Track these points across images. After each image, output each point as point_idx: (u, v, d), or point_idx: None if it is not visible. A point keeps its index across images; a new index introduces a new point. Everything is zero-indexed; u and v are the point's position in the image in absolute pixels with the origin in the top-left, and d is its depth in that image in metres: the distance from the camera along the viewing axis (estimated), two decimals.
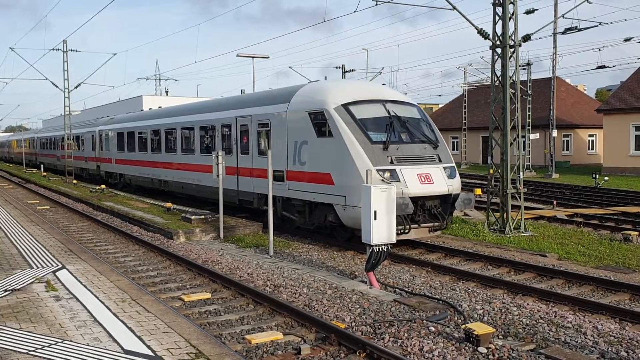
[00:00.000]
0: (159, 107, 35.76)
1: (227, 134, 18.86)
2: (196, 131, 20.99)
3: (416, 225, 13.12)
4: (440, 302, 9.60)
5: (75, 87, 40.65)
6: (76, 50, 39.70)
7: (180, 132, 22.52)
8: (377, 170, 12.72)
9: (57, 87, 40.17)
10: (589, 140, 52.78)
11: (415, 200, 12.87)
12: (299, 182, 15.04)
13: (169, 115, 24.41)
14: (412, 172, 13.10)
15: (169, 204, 21.53)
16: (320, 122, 14.29)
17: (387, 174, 12.81)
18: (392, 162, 13.09)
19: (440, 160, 13.84)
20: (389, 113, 14.04)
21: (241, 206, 18.63)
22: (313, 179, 14.46)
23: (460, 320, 8.63)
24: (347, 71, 43.12)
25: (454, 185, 13.65)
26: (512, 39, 16.99)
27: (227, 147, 18.75)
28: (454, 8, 17.05)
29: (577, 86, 69.96)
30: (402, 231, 12.69)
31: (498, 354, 7.09)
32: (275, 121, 15.99)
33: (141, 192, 28.27)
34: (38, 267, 10.87)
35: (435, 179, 13.28)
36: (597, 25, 19.52)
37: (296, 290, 10.39)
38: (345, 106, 13.99)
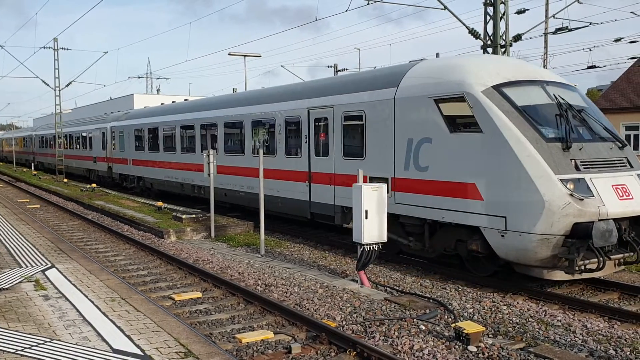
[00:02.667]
0: (179, 100, 30.89)
1: (293, 130, 15.39)
2: (246, 127, 17.47)
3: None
4: (431, 300, 9.62)
5: (66, 86, 40.43)
6: (67, 49, 39.52)
7: (223, 128, 18.81)
8: (561, 180, 9.32)
9: (47, 85, 39.95)
10: None
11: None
12: (413, 194, 11.50)
13: (206, 107, 20.59)
14: (606, 182, 9.64)
15: (159, 203, 21.44)
16: (456, 112, 10.67)
17: (570, 185, 9.35)
18: (577, 168, 9.60)
19: (631, 166, 10.31)
20: (555, 99, 10.42)
21: (313, 221, 15.23)
22: (441, 191, 10.85)
23: (450, 319, 8.66)
24: (339, 70, 43.13)
25: None
26: (503, 39, 17.05)
27: (294, 146, 15.35)
28: (446, 8, 17.09)
29: None
30: (586, 267, 9.37)
31: (488, 353, 7.11)
32: (374, 112, 12.42)
33: (165, 198, 24.22)
34: (27, 266, 10.79)
35: (633, 192, 9.79)
36: (587, 26, 19.64)
37: (287, 289, 10.38)
38: (498, 89, 10.31)
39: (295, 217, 15.95)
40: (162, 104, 29.08)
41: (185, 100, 26.16)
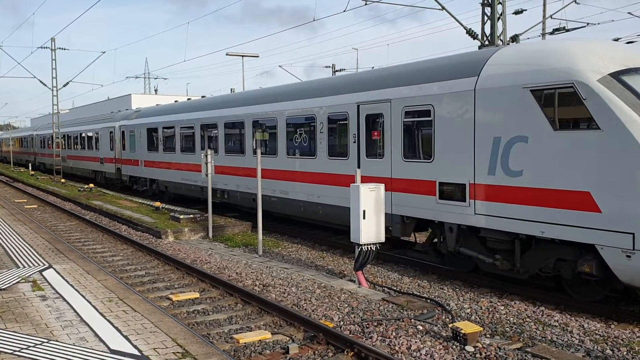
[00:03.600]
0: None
1: (338, 129, 13.72)
2: (280, 126, 15.66)
3: None
4: (429, 301, 9.63)
5: (64, 86, 40.41)
6: (64, 49, 39.49)
7: (251, 127, 17.05)
8: None
9: (45, 85, 39.91)
10: None
11: None
12: (501, 204, 9.70)
13: (230, 104, 18.77)
14: None
15: (157, 203, 21.42)
16: (562, 105, 8.87)
17: None
18: None
19: None
20: None
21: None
22: (540, 200, 9.10)
23: (448, 319, 8.67)
24: (337, 70, 43.14)
25: None
26: (500, 39, 17.08)
27: (338, 146, 13.70)
28: (443, 8, 17.11)
29: None
30: None
31: (485, 353, 7.12)
32: (446, 107, 10.64)
33: (181, 203, 22.82)
34: (24, 267, 10.78)
35: None
36: (584, 26, 19.67)
37: (285, 289, 10.38)
38: (617, 77, 8.59)
39: (340, 227, 14.13)
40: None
41: (203, 97, 24.49)
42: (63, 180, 36.32)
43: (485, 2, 17.21)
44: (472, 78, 10.21)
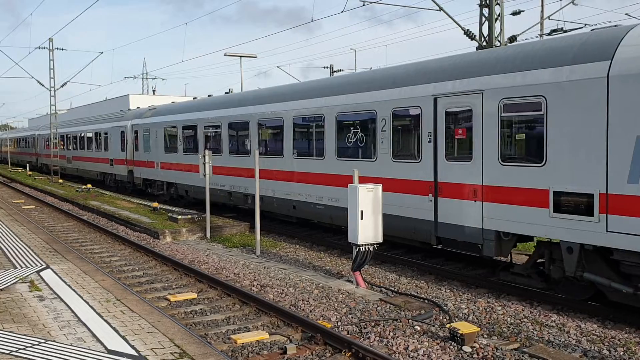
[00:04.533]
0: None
1: (407, 126, 11.84)
2: (328, 123, 13.86)
3: None
4: (426, 301, 9.64)
5: (62, 86, 40.35)
6: (62, 49, 39.44)
7: (292, 125, 15.28)
8: None
9: (43, 85, 39.87)
10: None
11: None
12: None
13: (265, 100, 16.81)
14: None
15: (155, 204, 21.41)
16: None
17: None
18: None
19: None
20: None
21: (442, 246, 11.45)
22: None
23: (445, 320, 8.68)
24: (335, 71, 43.18)
25: None
26: (498, 40, 17.11)
27: (407, 146, 11.84)
28: (441, 9, 17.14)
29: None
30: None
31: (482, 353, 7.13)
32: (564, 99, 8.85)
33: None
34: (22, 267, 10.77)
35: None
36: (582, 27, 19.70)
37: (283, 290, 10.39)
38: None
39: (408, 242, 12.35)
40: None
41: (227, 92, 22.56)
42: (61, 180, 36.28)
43: (483, 3, 17.25)
44: (602, 62, 8.39)
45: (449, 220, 10.74)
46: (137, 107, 30.00)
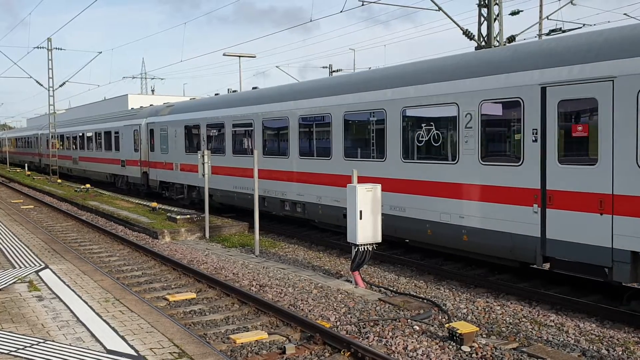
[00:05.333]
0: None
1: (498, 122, 10.14)
2: (391, 120, 11.89)
3: None
4: (425, 301, 9.65)
5: (60, 86, 40.34)
6: (61, 49, 39.41)
7: (343, 122, 13.28)
8: None
9: (41, 85, 39.83)
10: None
11: None
12: None
13: (309, 94, 14.77)
14: None
15: (154, 204, 21.40)
16: None
17: None
18: None
19: None
20: None
21: (550, 268, 9.78)
22: None
23: (444, 319, 8.69)
24: (334, 71, 43.20)
25: None
26: (497, 40, 17.13)
27: (501, 146, 10.15)
28: (440, 9, 17.16)
29: None
30: None
31: (481, 353, 7.14)
32: None
33: (233, 214, 19.82)
34: (21, 267, 10.76)
35: None
36: (581, 27, 19.73)
37: (282, 289, 10.39)
38: None
39: (502, 262, 10.56)
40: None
41: (258, 87, 20.49)
42: (59, 180, 36.25)
43: (482, 3, 17.26)
44: None
45: (562, 236, 8.89)
46: (150, 105, 27.99)
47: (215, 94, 21.75)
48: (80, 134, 35.26)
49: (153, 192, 24.66)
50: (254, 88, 19.96)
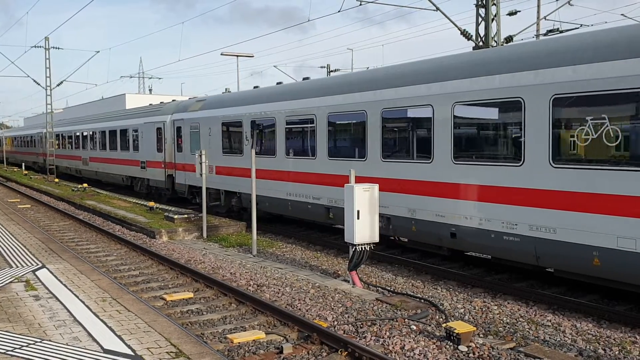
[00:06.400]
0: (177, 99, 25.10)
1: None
2: (534, 111, 9.23)
3: None
4: (422, 301, 9.66)
5: (58, 85, 40.25)
6: (58, 48, 39.36)
7: (452, 116, 10.61)
8: None
9: (39, 84, 39.75)
10: None
11: None
12: None
13: (393, 82, 12.08)
14: None
15: (151, 203, 21.38)
16: None
17: None
18: None
19: None
20: None
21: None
22: None
23: (441, 319, 8.70)
24: (332, 71, 43.20)
25: None
26: (495, 40, 17.15)
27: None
28: (437, 9, 17.17)
29: None
30: None
31: (478, 352, 7.15)
32: None
33: (278, 224, 17.73)
34: (17, 267, 10.74)
35: None
36: (578, 28, 19.76)
37: (279, 289, 10.39)
38: None
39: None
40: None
41: (305, 79, 17.14)
42: (57, 180, 36.18)
43: (480, 3, 17.28)
44: None
45: None
46: (173, 100, 25.26)
47: (255, 87, 19.32)
48: (92, 132, 32.24)
49: (179, 197, 21.89)
50: (278, 83, 18.29)
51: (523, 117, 9.43)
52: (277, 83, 18.14)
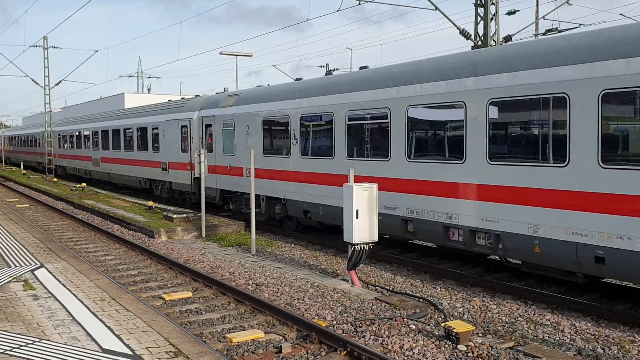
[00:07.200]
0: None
1: None
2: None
3: None
4: (421, 300, 9.66)
5: (56, 84, 40.20)
6: (57, 47, 39.32)
7: (600, 109, 8.37)
8: None
9: (37, 84, 39.72)
10: None
11: None
12: None
13: (509, 66, 9.72)
14: None
15: (150, 203, 21.36)
16: None
17: None
18: None
19: None
20: None
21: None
22: None
23: (440, 318, 8.70)
24: (330, 70, 43.16)
25: None
26: (493, 40, 17.16)
27: None
28: (436, 8, 17.17)
29: None
30: None
31: (477, 352, 7.15)
32: None
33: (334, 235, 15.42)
34: (16, 266, 10.73)
35: None
36: (577, 27, 19.77)
37: (278, 289, 10.38)
38: None
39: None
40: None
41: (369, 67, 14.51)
42: (55, 179, 36.15)
43: (479, 2, 17.28)
44: None
45: None
46: (196, 96, 23.35)
47: (297, 79, 17.36)
48: (103, 130, 29.78)
49: (210, 202, 19.17)
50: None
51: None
52: (327, 73, 15.81)
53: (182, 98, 25.99)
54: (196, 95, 23.24)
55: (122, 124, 27.60)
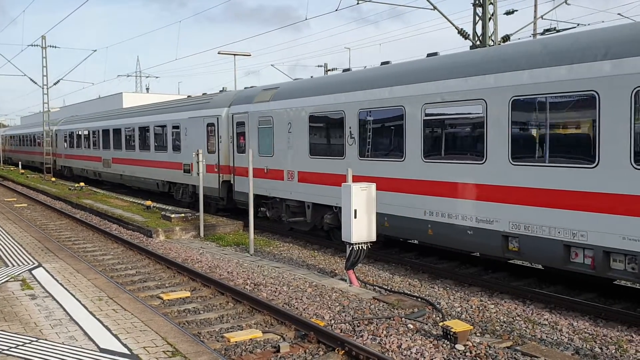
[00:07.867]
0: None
1: None
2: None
3: None
4: (419, 299, 9.66)
5: (55, 84, 40.17)
6: (55, 46, 39.30)
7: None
8: None
9: (35, 83, 39.69)
10: None
11: None
12: None
13: (620, 51, 8.03)
14: None
15: (148, 202, 21.33)
16: None
17: None
18: None
19: None
20: None
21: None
22: None
23: (438, 318, 8.70)
24: (329, 70, 43.18)
25: None
26: (492, 39, 17.17)
27: None
28: (435, 8, 17.18)
29: None
30: None
31: (475, 351, 7.15)
32: None
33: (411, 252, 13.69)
34: (14, 266, 10.71)
35: None
36: (575, 27, 19.80)
37: (276, 288, 10.38)
38: None
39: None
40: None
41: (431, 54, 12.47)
42: (53, 179, 36.11)
43: (477, 2, 17.29)
44: None
45: None
46: (223, 89, 21.20)
47: (345, 70, 15.84)
48: (115, 129, 27.81)
49: (240, 209, 17.96)
50: (345, 70, 15.49)
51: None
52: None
53: (188, 96, 24.27)
54: (222, 89, 21.12)
55: (137, 122, 25.52)
